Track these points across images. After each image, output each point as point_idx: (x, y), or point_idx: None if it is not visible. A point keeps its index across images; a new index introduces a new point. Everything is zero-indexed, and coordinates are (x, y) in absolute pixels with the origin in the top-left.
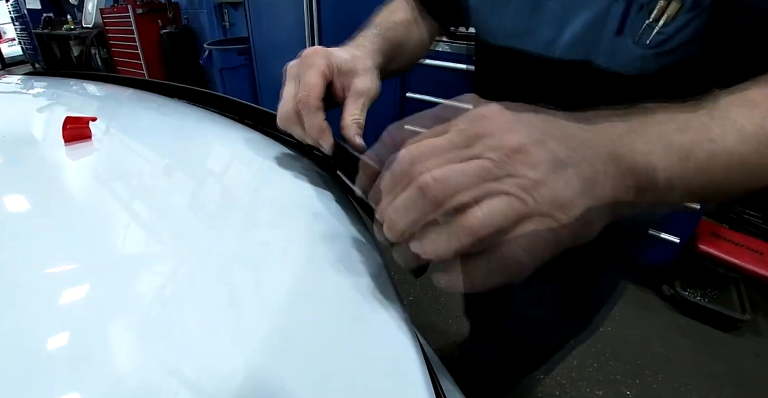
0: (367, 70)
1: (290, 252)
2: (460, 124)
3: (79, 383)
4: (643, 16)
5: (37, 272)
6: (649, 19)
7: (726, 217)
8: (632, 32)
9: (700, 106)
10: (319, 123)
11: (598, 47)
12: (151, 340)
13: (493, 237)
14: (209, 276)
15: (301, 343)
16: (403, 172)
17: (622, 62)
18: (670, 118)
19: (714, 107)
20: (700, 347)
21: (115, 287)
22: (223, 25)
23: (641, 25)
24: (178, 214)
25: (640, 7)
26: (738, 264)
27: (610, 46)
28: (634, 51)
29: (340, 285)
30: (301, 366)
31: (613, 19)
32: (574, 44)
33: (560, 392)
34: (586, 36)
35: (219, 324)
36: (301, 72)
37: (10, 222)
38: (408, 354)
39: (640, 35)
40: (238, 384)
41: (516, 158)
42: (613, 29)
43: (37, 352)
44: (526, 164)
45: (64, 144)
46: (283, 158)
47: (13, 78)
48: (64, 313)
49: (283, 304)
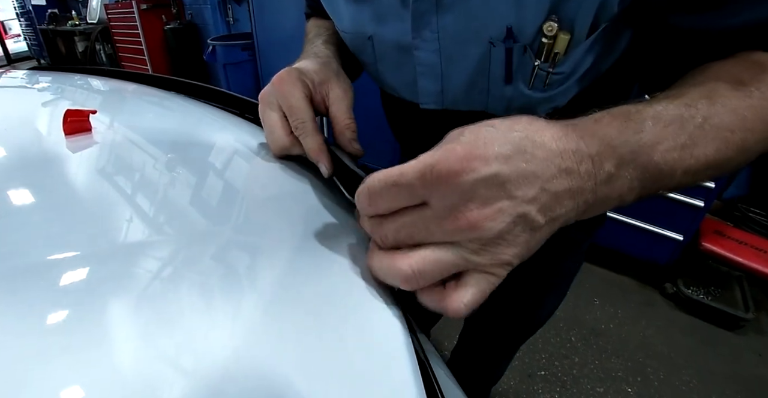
0: (338, 74)
1: (286, 243)
2: (436, 200)
3: (75, 369)
4: (530, 58)
5: (39, 259)
6: (538, 62)
7: (731, 215)
8: (523, 78)
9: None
10: (319, 144)
11: (490, 96)
12: (147, 323)
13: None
14: (205, 266)
15: (292, 333)
16: (386, 241)
17: (525, 108)
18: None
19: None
20: (702, 346)
21: (113, 274)
22: (227, 21)
23: (530, 68)
24: (176, 206)
25: (524, 48)
26: (742, 263)
27: (501, 94)
28: (533, 96)
29: (333, 276)
30: (291, 353)
31: (497, 68)
32: (461, 97)
33: (561, 388)
34: (473, 88)
35: (214, 310)
36: (281, 98)
37: (7, 214)
38: (399, 344)
39: (533, 79)
40: (229, 370)
41: (495, 244)
42: (501, 78)
43: (39, 337)
44: (505, 248)
45: (65, 137)
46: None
47: (18, 73)
48: (65, 299)
49: (274, 293)
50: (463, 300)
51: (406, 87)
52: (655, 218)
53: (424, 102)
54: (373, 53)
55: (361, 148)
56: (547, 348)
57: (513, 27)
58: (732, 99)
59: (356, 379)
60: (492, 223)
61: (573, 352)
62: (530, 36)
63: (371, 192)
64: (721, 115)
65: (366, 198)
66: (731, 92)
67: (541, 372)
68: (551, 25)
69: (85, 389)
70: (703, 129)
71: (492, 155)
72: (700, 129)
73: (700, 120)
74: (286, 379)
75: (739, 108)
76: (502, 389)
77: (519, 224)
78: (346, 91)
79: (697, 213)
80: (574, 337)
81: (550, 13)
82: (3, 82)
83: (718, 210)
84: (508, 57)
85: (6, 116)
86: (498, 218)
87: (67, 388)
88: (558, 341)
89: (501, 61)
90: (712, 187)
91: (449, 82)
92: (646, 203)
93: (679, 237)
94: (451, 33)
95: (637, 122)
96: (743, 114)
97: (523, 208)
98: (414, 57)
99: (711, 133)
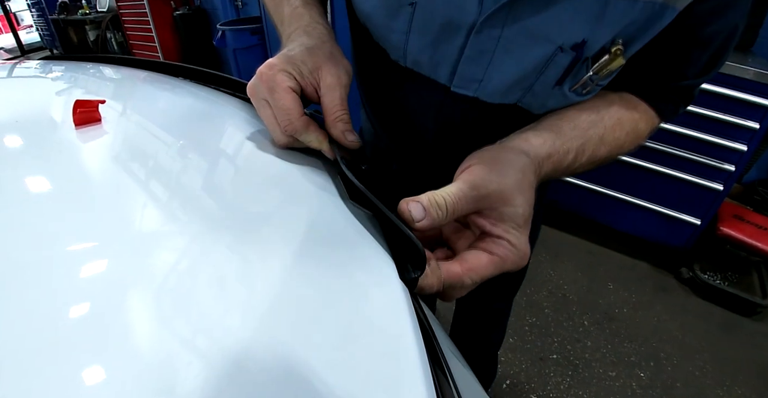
0: (331, 58)
1: (294, 230)
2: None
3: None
4: (587, 67)
5: (54, 251)
6: (590, 73)
7: (751, 199)
8: (571, 82)
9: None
10: (315, 136)
11: (531, 93)
12: (161, 302)
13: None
14: (216, 254)
15: (297, 313)
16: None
17: (550, 106)
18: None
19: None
20: (717, 331)
21: (128, 261)
22: (236, 5)
23: (583, 76)
24: (186, 194)
25: (586, 59)
26: (761, 248)
27: (544, 93)
28: (569, 97)
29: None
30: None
31: (555, 70)
32: (499, 89)
33: (573, 372)
34: (515, 85)
35: (225, 290)
36: (267, 94)
37: (11, 209)
38: (406, 325)
39: (581, 85)
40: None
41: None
42: (553, 80)
43: (57, 321)
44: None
45: (75, 127)
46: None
47: (31, 63)
48: (80, 287)
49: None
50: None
51: (436, 66)
52: (672, 202)
53: (458, 85)
54: (408, 22)
55: (356, 138)
56: (559, 332)
57: (588, 40)
58: (608, 137)
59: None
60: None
61: (586, 336)
62: (596, 50)
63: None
64: (594, 149)
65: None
66: (611, 133)
67: (553, 356)
68: (619, 48)
69: (106, 371)
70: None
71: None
72: (595, 144)
73: (596, 139)
74: (299, 355)
75: (607, 141)
76: (513, 372)
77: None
78: (340, 77)
79: (716, 197)
80: (587, 321)
81: (617, 36)
82: (17, 72)
83: (738, 194)
84: (572, 65)
85: (19, 107)
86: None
87: (87, 368)
88: (570, 325)
89: (562, 67)
90: (732, 170)
91: (494, 72)
92: (663, 187)
93: (697, 222)
94: (523, 28)
95: (564, 152)
96: (608, 144)
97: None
98: (466, 39)
99: (595, 146)
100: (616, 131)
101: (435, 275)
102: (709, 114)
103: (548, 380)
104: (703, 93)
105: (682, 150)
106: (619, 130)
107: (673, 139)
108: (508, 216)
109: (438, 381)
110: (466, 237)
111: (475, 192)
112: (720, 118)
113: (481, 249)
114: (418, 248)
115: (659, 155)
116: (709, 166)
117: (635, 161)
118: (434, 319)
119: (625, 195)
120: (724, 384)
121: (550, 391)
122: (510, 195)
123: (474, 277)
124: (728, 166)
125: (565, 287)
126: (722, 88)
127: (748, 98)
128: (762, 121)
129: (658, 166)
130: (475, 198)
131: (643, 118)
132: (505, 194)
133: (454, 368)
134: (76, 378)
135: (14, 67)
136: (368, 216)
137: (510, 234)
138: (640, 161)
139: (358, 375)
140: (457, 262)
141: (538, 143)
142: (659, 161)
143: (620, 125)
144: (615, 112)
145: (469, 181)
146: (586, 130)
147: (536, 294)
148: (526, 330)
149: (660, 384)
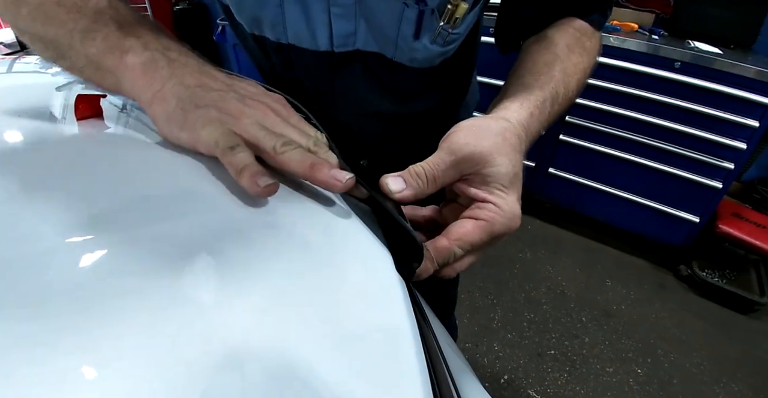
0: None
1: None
2: (498, 233)
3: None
4: (435, 19)
5: (54, 244)
6: (442, 22)
7: (750, 197)
8: (429, 35)
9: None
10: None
11: (398, 49)
12: (161, 303)
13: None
14: (208, 249)
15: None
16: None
17: (421, 59)
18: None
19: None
20: (715, 329)
21: (127, 259)
22: None
23: (435, 27)
24: (185, 186)
25: (432, 11)
26: (759, 246)
27: (408, 47)
28: (431, 49)
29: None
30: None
31: (408, 25)
32: (372, 42)
33: (570, 368)
34: (383, 40)
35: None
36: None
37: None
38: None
39: (436, 36)
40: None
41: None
42: (410, 34)
43: (58, 315)
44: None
45: (77, 121)
46: None
47: (31, 58)
48: (83, 280)
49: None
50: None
51: (314, 33)
52: (671, 199)
53: (339, 45)
54: None
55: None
56: (557, 328)
57: None
58: (569, 67)
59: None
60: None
61: (583, 332)
62: (438, 1)
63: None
64: (565, 84)
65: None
66: (568, 61)
67: (551, 352)
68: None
69: (107, 361)
70: (559, 102)
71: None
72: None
73: (560, 97)
74: (301, 346)
75: (571, 71)
76: (511, 367)
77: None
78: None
79: (715, 195)
80: (584, 318)
81: None
82: (16, 67)
83: (737, 193)
84: (419, 17)
85: (20, 103)
86: (518, 215)
87: (88, 355)
88: (568, 321)
89: (412, 20)
90: (731, 168)
91: (361, 24)
92: (663, 184)
93: (696, 219)
94: None
95: (541, 103)
96: (573, 73)
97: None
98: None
99: (564, 99)
100: (572, 58)
101: (427, 258)
102: (709, 112)
103: (546, 376)
104: (702, 91)
105: (681, 147)
106: (575, 56)
107: (672, 137)
108: (491, 177)
109: (436, 377)
110: (461, 212)
111: (453, 156)
112: (720, 116)
113: (466, 218)
114: (416, 240)
115: (659, 152)
116: (708, 164)
117: (635, 158)
118: (432, 313)
119: (624, 192)
120: (721, 381)
121: (548, 387)
122: (489, 156)
123: (463, 246)
124: (727, 164)
125: (564, 283)
126: (722, 85)
127: (748, 96)
128: (762, 120)
129: (657, 163)
130: (454, 162)
131: (584, 35)
132: (484, 155)
133: (452, 362)
134: (76, 377)
135: (14, 63)
136: (365, 210)
137: (494, 196)
138: (639, 158)
139: (355, 372)
140: (443, 235)
141: (515, 107)
142: (659, 158)
143: (571, 51)
144: (560, 41)
145: (446, 147)
146: (549, 73)
147: (534, 290)
148: (524, 326)
149: (657, 381)
